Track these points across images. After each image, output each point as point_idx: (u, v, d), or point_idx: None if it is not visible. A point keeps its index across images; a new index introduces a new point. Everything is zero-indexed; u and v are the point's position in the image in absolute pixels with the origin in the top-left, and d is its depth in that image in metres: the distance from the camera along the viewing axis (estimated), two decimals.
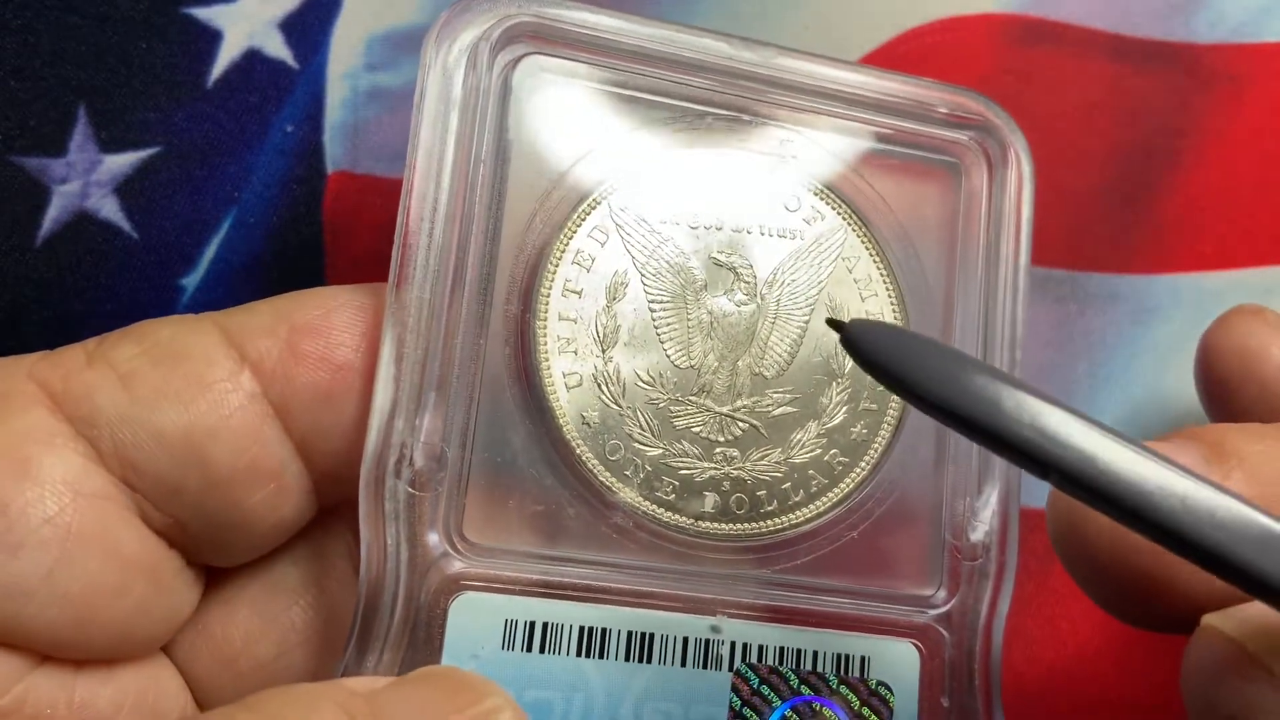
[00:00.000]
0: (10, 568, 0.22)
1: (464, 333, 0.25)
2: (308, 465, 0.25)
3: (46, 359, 0.24)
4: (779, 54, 0.27)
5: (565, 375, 0.26)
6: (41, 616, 0.22)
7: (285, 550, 0.26)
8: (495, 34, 0.25)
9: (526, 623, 0.25)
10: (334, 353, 0.24)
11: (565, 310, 0.26)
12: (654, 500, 0.26)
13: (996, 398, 0.19)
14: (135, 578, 0.24)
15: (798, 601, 0.26)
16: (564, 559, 0.26)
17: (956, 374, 0.19)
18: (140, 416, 0.23)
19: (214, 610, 0.25)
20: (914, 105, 0.28)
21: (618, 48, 0.26)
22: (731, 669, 0.26)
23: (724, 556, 0.26)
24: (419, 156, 0.25)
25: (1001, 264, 0.28)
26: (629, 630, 0.26)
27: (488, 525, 0.25)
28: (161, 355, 0.24)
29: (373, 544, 0.24)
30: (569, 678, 0.25)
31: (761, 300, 0.27)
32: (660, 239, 0.27)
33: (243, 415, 0.24)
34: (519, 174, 0.26)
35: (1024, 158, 0.28)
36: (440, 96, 0.25)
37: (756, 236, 0.27)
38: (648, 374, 0.26)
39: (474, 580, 0.25)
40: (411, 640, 0.24)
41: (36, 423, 0.23)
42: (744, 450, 0.27)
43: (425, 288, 0.25)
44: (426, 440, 0.24)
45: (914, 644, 0.27)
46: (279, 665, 0.25)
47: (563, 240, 0.26)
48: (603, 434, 0.26)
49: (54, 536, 0.22)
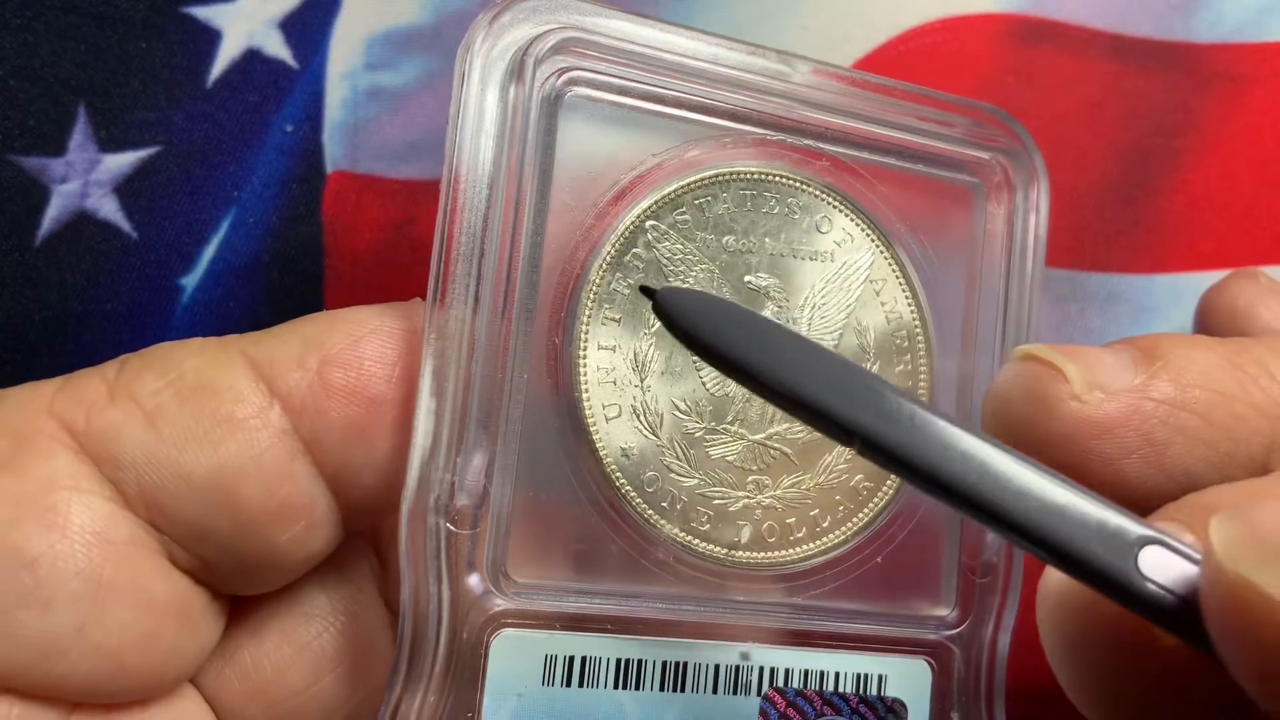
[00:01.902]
0: (42, 625, 0.21)
1: (507, 364, 0.24)
2: (338, 499, 0.24)
3: (66, 391, 0.23)
4: (811, 69, 0.27)
5: (605, 406, 0.25)
6: (75, 672, 0.22)
7: (311, 576, 0.25)
8: (538, 47, 0.24)
9: (565, 658, 0.25)
10: (366, 385, 0.23)
11: (604, 339, 0.25)
12: (690, 532, 0.26)
13: (804, 364, 0.18)
14: (166, 623, 0.23)
15: (822, 625, 0.27)
16: (602, 593, 0.25)
17: (762, 339, 0.19)
18: (168, 458, 0.22)
19: (242, 639, 0.25)
20: (938, 124, 0.28)
21: (656, 60, 0.26)
22: (760, 694, 0.26)
23: (755, 585, 0.26)
24: (460, 175, 0.24)
25: (1024, 283, 0.28)
26: (663, 660, 0.25)
27: (529, 563, 0.25)
28: (188, 391, 0.23)
29: (414, 582, 0.23)
30: (607, 710, 0.25)
31: (794, 323, 0.27)
32: (695, 262, 0.26)
33: (273, 453, 0.23)
34: (561, 195, 0.25)
35: (1041, 176, 0.28)
36: (479, 110, 0.24)
37: (790, 259, 0.27)
38: (684, 403, 0.26)
39: (513, 617, 0.24)
40: (455, 680, 0.24)
41: (62, 468, 0.22)
42: (775, 478, 0.26)
43: (465, 315, 0.23)
44: (470, 478, 0.24)
45: (927, 660, 0.27)
46: (310, 694, 0.25)
47: (602, 266, 0.26)
48: (640, 466, 0.25)
49: (85, 590, 0.22)
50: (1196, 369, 0.22)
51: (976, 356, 0.28)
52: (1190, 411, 0.22)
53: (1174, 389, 0.22)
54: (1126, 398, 0.22)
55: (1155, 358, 0.22)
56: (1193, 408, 0.22)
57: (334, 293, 0.31)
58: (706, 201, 0.26)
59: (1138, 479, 0.22)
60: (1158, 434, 0.22)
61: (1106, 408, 0.22)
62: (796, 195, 0.27)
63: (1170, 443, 0.22)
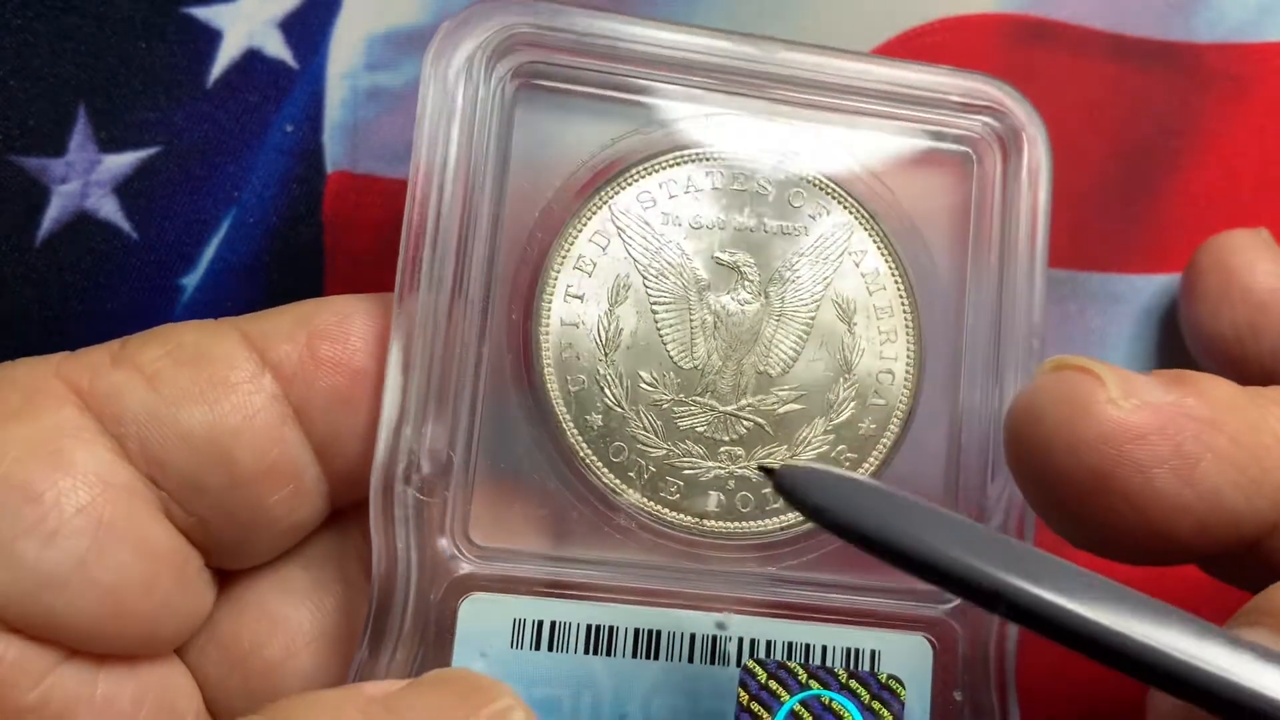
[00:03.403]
0: (45, 556, 0.23)
1: (467, 341, 0.25)
2: (325, 468, 0.25)
3: (72, 358, 0.24)
4: (783, 48, 0.27)
5: (568, 379, 0.26)
6: (73, 606, 0.23)
7: (294, 553, 0.26)
8: (493, 44, 0.26)
9: (534, 621, 0.25)
10: (352, 358, 0.25)
11: (567, 315, 0.26)
12: (659, 500, 0.26)
13: (941, 541, 0.19)
14: (163, 571, 0.24)
15: (805, 597, 0.26)
16: (570, 560, 0.26)
17: (893, 515, 0.19)
18: (166, 415, 0.24)
19: (223, 612, 0.26)
20: (924, 93, 0.27)
21: (617, 51, 0.26)
22: (739, 664, 0.26)
23: (729, 555, 0.27)
24: (420, 168, 0.25)
25: (1017, 252, 0.27)
26: (635, 628, 0.26)
27: (494, 529, 0.26)
28: (186, 357, 0.24)
29: (383, 548, 0.25)
30: (577, 675, 0.25)
31: (766, 298, 0.27)
32: (662, 240, 0.27)
33: (265, 416, 0.24)
34: (519, 182, 0.26)
35: (1041, 141, 0.28)
36: (440, 109, 0.25)
37: (760, 234, 0.27)
38: (651, 376, 0.26)
39: (483, 582, 0.25)
40: (423, 639, 0.25)
41: (68, 418, 0.23)
42: (749, 448, 0.27)
43: (429, 297, 0.25)
44: (432, 447, 0.25)
45: (926, 638, 0.27)
46: (287, 668, 0.26)
47: (563, 246, 0.26)
48: (606, 436, 0.26)
49: (87, 526, 0.23)
50: (1224, 397, 0.23)
51: (969, 326, 0.28)
52: (1220, 432, 0.22)
53: (1206, 409, 0.22)
54: (1161, 408, 0.22)
55: (1184, 382, 0.23)
56: (1223, 429, 0.22)
57: (334, 293, 0.31)
58: (671, 181, 0.27)
59: (1167, 491, 0.22)
60: (1189, 447, 0.22)
61: (1142, 414, 0.22)
62: (763, 170, 0.27)
63: (1201, 458, 0.22)
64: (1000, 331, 0.27)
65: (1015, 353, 0.27)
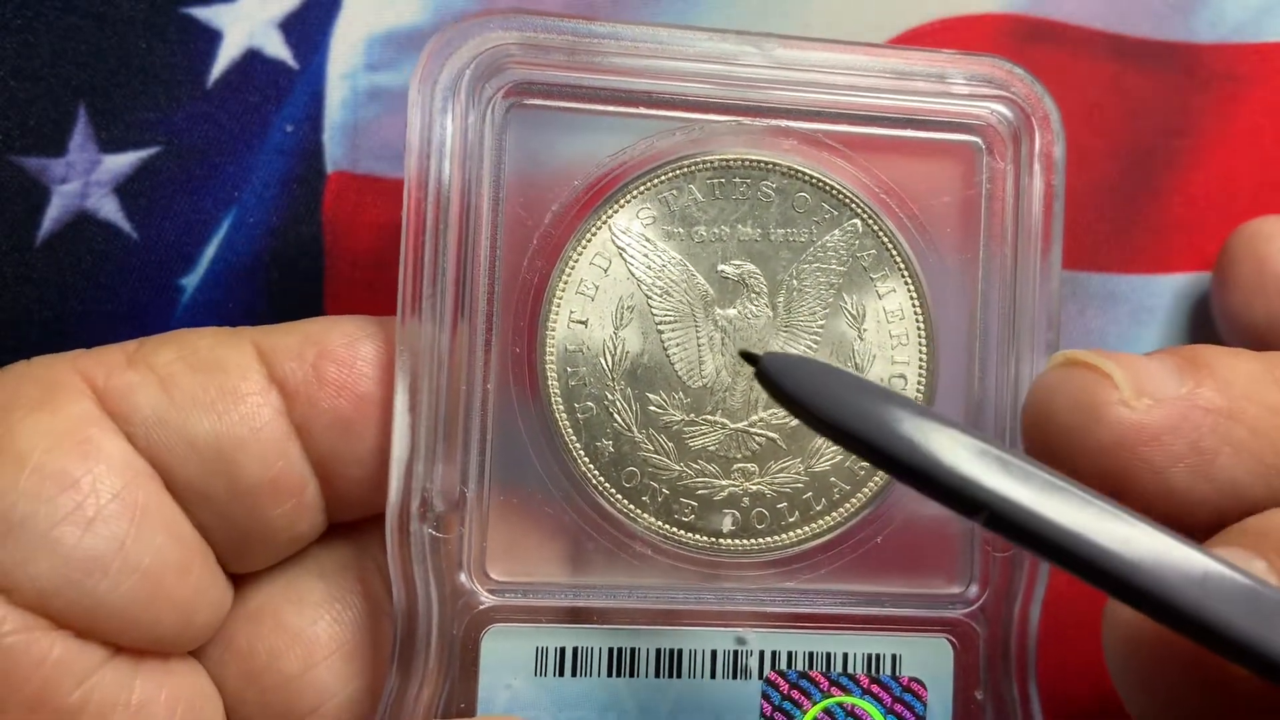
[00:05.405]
0: (85, 542, 0.23)
1: (473, 375, 0.25)
2: (324, 486, 0.25)
3: (88, 355, 0.25)
4: (780, 44, 0.26)
5: (576, 407, 0.26)
6: (116, 591, 0.23)
7: (310, 564, 0.26)
8: (482, 64, 0.25)
9: (557, 649, 0.26)
10: (357, 382, 0.25)
11: (572, 342, 0.26)
12: (673, 523, 0.26)
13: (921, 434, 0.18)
14: (194, 556, 0.24)
15: (824, 608, 0.26)
16: (589, 587, 0.26)
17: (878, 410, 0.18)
18: (176, 420, 0.24)
19: (239, 623, 0.26)
20: (928, 81, 0.26)
21: (609, 63, 0.26)
22: (761, 677, 0.26)
23: (746, 572, 0.26)
24: (413, 199, 0.25)
25: (1031, 246, 0.27)
26: (657, 648, 0.26)
27: (512, 561, 0.26)
28: (199, 363, 0.24)
29: (402, 585, 0.25)
30: (602, 698, 0.26)
31: (774, 309, 0.27)
32: (665, 257, 0.26)
33: (271, 430, 0.24)
34: (514, 208, 0.26)
35: (1054, 123, 0.27)
36: (430, 136, 0.25)
37: (765, 243, 0.27)
38: (660, 397, 0.26)
39: (503, 614, 0.25)
40: (448, 673, 0.25)
41: (88, 410, 0.24)
42: (762, 464, 0.26)
43: (431, 332, 0.25)
44: (444, 485, 0.25)
45: (947, 639, 0.27)
46: (305, 681, 0.25)
47: (564, 271, 0.26)
48: (618, 463, 0.26)
49: (123, 511, 0.23)
50: (1242, 380, 0.22)
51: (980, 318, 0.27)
52: (1238, 422, 0.22)
53: (1222, 399, 0.22)
54: (1175, 405, 0.22)
55: (1200, 366, 0.22)
56: (1241, 419, 0.22)
57: (334, 293, 0.31)
58: (671, 195, 0.26)
59: (1183, 487, 0.21)
60: (1206, 443, 0.21)
61: (1155, 414, 0.21)
62: (766, 177, 0.27)
63: (1219, 452, 0.21)
64: (1015, 329, 0.27)
65: (1031, 351, 0.27)
